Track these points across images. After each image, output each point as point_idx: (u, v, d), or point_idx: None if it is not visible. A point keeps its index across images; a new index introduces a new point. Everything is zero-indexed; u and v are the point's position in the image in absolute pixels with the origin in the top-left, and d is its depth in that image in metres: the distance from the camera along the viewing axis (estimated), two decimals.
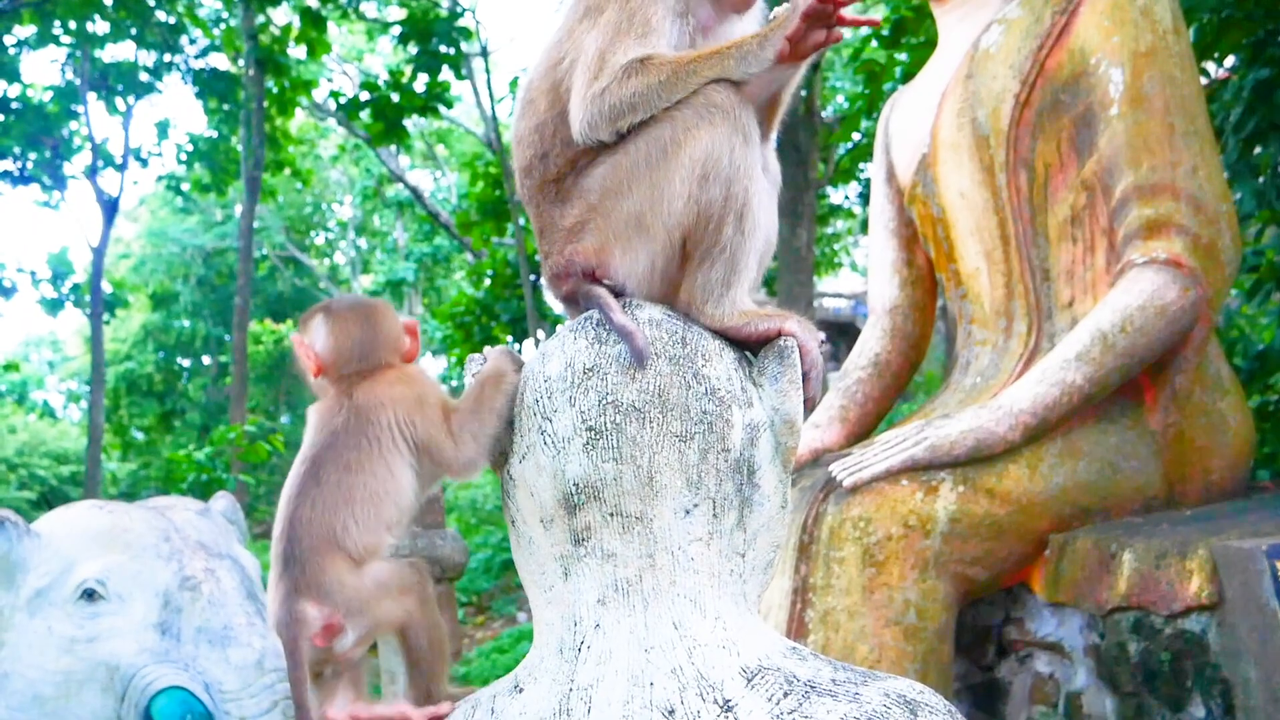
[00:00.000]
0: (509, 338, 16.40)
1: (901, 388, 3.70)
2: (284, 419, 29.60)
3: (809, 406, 1.57)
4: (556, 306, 1.79)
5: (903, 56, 7.43)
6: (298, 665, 1.94)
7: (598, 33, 1.63)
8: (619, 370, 1.49)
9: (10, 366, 23.08)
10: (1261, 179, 4.56)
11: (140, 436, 30.14)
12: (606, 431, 1.46)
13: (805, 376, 1.56)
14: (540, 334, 13.95)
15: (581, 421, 1.47)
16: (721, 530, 1.48)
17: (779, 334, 1.58)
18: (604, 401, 1.47)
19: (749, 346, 1.61)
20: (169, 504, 3.10)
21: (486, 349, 1.69)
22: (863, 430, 3.56)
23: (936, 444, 2.86)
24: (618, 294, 1.60)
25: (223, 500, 3.24)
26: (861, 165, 15.22)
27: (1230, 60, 5.11)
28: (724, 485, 1.47)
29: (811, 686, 1.35)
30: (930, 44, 3.81)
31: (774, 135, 1.77)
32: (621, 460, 1.45)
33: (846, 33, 1.59)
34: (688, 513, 1.46)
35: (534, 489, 1.52)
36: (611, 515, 1.46)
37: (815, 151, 12.95)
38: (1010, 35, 3.26)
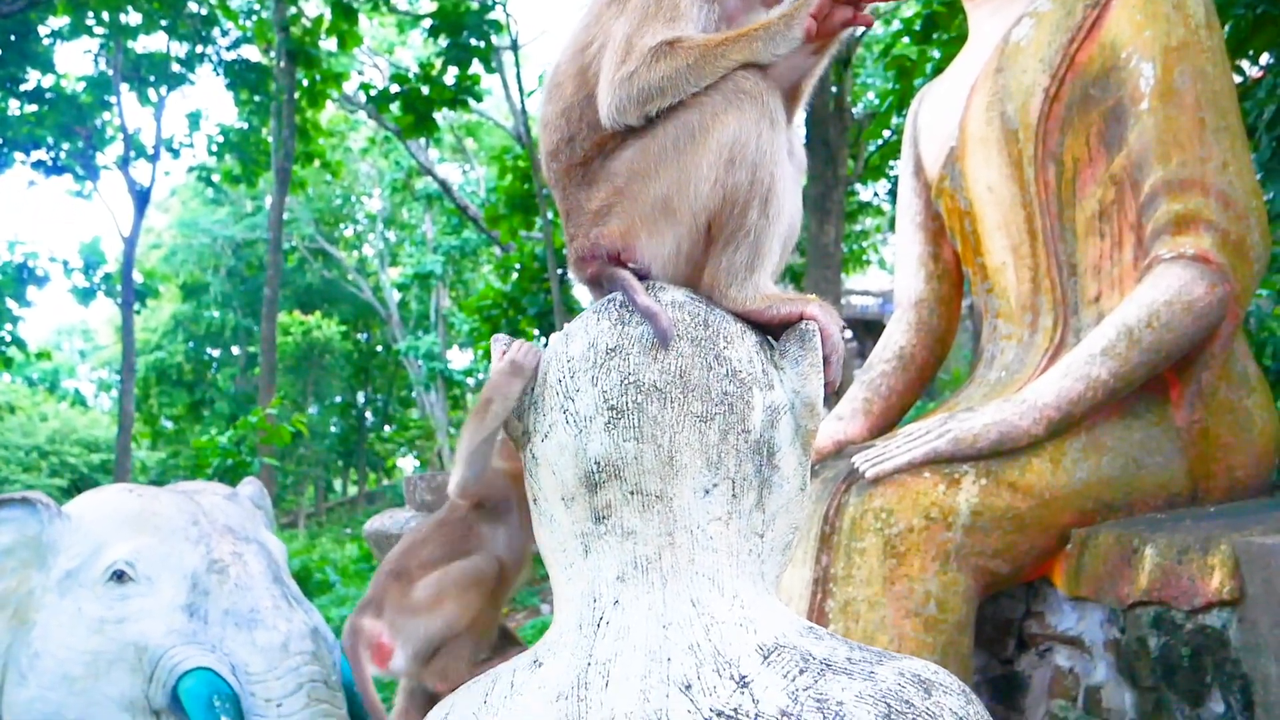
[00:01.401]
0: (535, 331, 16.44)
1: (926, 381, 3.69)
2: (312, 409, 29.82)
3: (830, 390, 1.59)
4: (583, 295, 1.82)
5: (935, 53, 7.39)
6: (359, 671, 2.30)
7: (625, 18, 1.64)
8: (641, 351, 1.50)
9: (42, 355, 23.35)
10: None
11: (170, 425, 30.46)
12: (628, 411, 1.47)
13: (826, 360, 1.57)
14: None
15: (604, 400, 1.49)
16: (740, 510, 1.49)
17: (801, 318, 1.59)
18: (626, 381, 1.49)
19: (771, 330, 1.62)
20: (197, 488, 3.15)
21: (497, 338, 1.69)
22: (886, 423, 3.55)
23: (960, 436, 2.86)
24: (642, 276, 1.62)
25: (250, 485, 3.29)
26: (891, 162, 15.16)
27: (1265, 58, 5.06)
28: (744, 466, 1.49)
29: (827, 664, 1.36)
30: (961, 39, 3.80)
31: (799, 119, 1.78)
32: (642, 439, 1.46)
33: (872, 14, 1.60)
34: (707, 492, 1.47)
35: (556, 467, 1.54)
36: (632, 494, 1.47)
37: (845, 148, 12.92)
38: (1041, 29, 3.25)
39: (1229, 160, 3.00)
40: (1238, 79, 4.86)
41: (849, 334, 1.67)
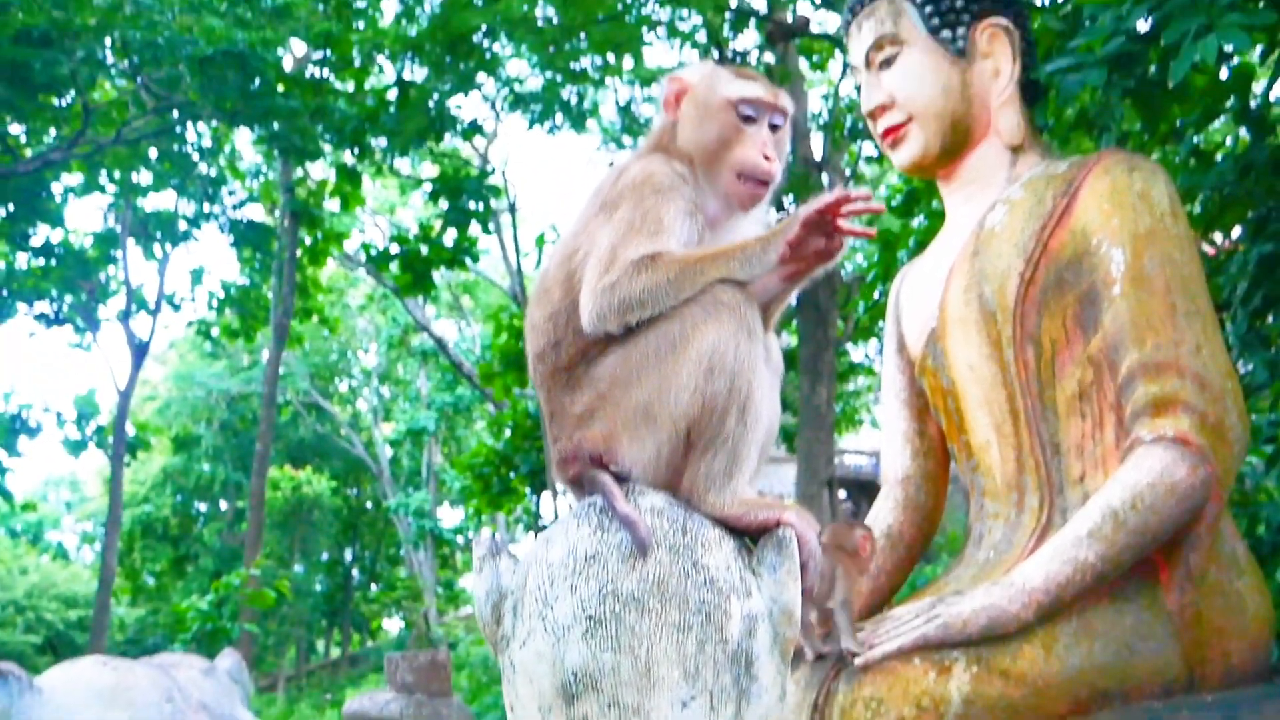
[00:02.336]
0: (527, 489, 16.39)
1: (916, 559, 3.67)
2: (298, 566, 29.38)
3: (807, 597, 1.59)
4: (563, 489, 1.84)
5: (918, 221, 7.62)
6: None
7: (612, 228, 1.71)
8: (620, 559, 1.51)
9: (28, 506, 23.15)
10: (1273, 349, 4.60)
11: (151, 581, 29.94)
12: (606, 621, 1.47)
13: (803, 567, 1.58)
14: (559, 487, 13.93)
15: (581, 609, 1.49)
16: None
17: (778, 524, 1.61)
18: (604, 590, 1.49)
19: (749, 534, 1.64)
20: (174, 661, 3.10)
21: (478, 541, 1.72)
22: (876, 603, 3.51)
23: (949, 622, 2.83)
24: (623, 480, 1.64)
25: (228, 659, 3.23)
26: (880, 323, 15.41)
27: (1236, 232, 5.22)
28: (721, 677, 1.48)
29: None
30: (942, 214, 3.93)
31: (775, 325, 1.84)
32: (620, 650, 1.46)
33: (848, 241, 1.68)
34: (685, 705, 1.46)
35: (533, 676, 1.52)
36: (610, 706, 1.46)
37: (834, 310, 13.15)
38: (1014, 215, 3.36)
39: (1202, 343, 3.06)
40: (1210, 251, 5.00)
41: (842, 494, 1.69)
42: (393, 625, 33.24)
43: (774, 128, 1.88)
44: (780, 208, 11.89)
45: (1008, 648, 2.82)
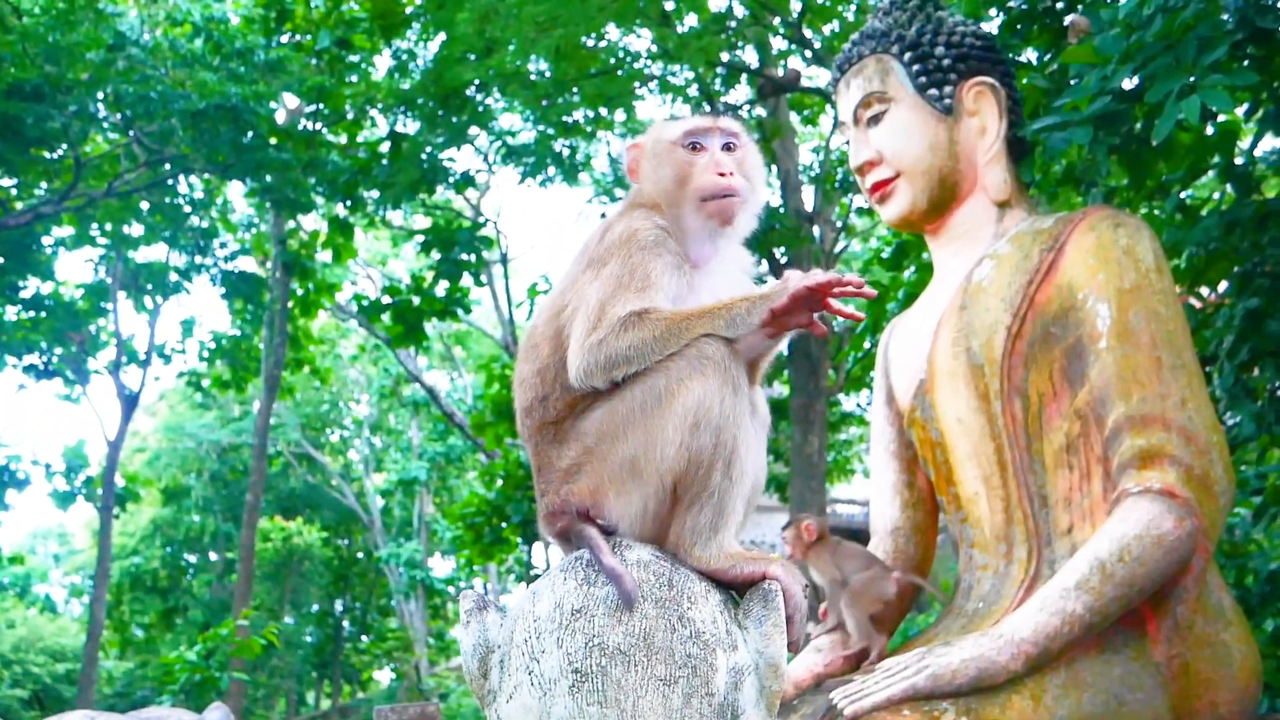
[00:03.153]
0: (519, 539, 16.30)
1: (906, 610, 3.66)
2: (288, 618, 29.10)
3: (793, 649, 1.60)
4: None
5: (908, 273, 7.67)
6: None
7: (600, 284, 1.74)
8: (606, 612, 1.52)
9: (15, 559, 22.92)
10: (1259, 402, 4.63)
11: (140, 634, 29.60)
12: (592, 674, 1.48)
13: (789, 620, 1.59)
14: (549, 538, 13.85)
15: (568, 663, 1.50)
16: None
17: (764, 577, 1.62)
18: (590, 644, 1.50)
19: (735, 587, 1.65)
20: (163, 715, 3.07)
21: (465, 594, 1.72)
22: (865, 654, 3.51)
23: (938, 673, 2.83)
24: (609, 533, 1.66)
25: (216, 712, 3.20)
26: (871, 373, 15.44)
27: (1223, 286, 5.27)
28: None
29: None
30: (930, 267, 3.98)
31: (762, 378, 1.87)
32: (606, 704, 1.46)
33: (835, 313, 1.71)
34: None
35: None
36: None
37: (826, 360, 13.19)
38: (1001, 270, 3.40)
39: (1187, 397, 3.10)
40: (1197, 305, 5.05)
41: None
42: (383, 676, 32.87)
43: (728, 147, 1.95)
44: (770, 257, 11.98)
45: (996, 698, 2.82)
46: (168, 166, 15.39)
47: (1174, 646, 3.01)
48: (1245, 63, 3.75)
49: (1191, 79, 3.31)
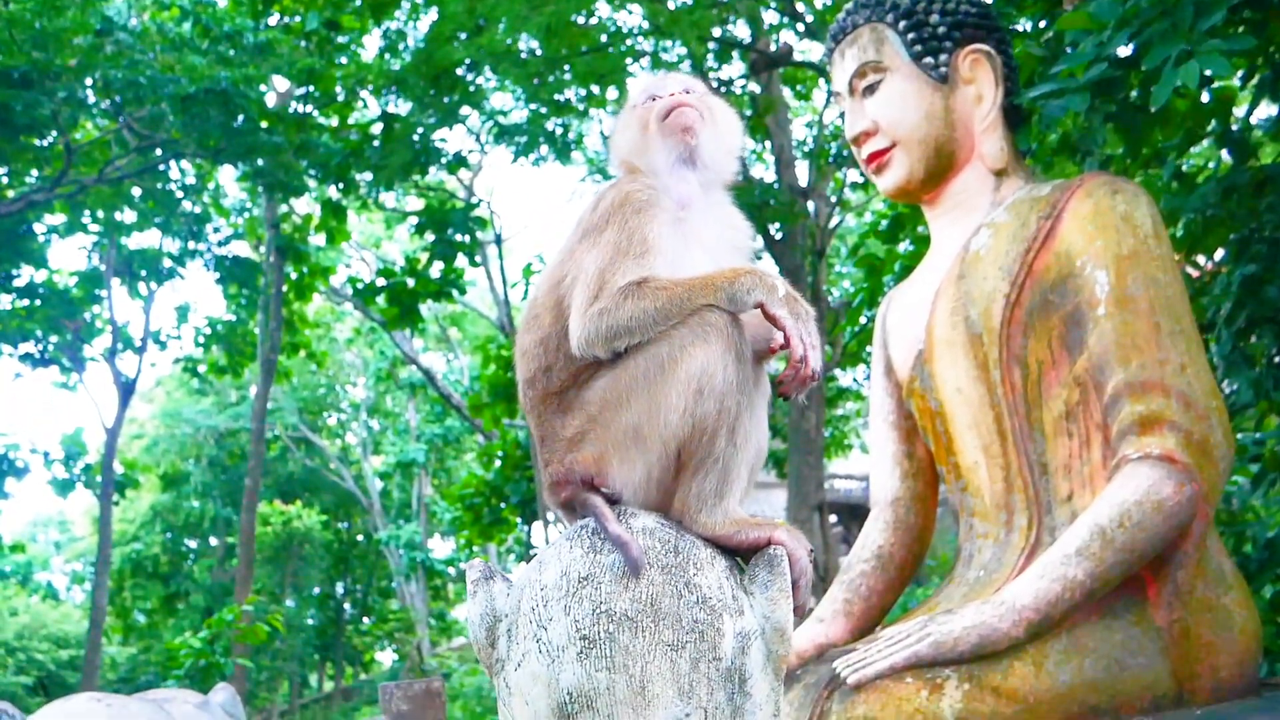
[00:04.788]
0: (518, 520, 16.34)
1: (906, 580, 3.68)
2: (289, 601, 29.18)
3: (799, 614, 1.60)
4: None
5: (905, 247, 7.67)
6: None
7: (599, 252, 1.74)
8: (613, 579, 1.53)
9: (16, 548, 22.94)
10: (1257, 369, 4.64)
11: (142, 619, 29.68)
12: (600, 640, 1.49)
13: (795, 584, 1.60)
14: (549, 515, 13.91)
15: (576, 630, 1.50)
16: None
17: (769, 542, 1.62)
18: (598, 610, 1.50)
19: (740, 554, 1.65)
20: (168, 696, 3.08)
21: (472, 564, 1.73)
22: (867, 624, 3.53)
23: (940, 640, 2.84)
24: (614, 502, 1.66)
25: (222, 692, 3.22)
26: (868, 348, 15.46)
27: (1219, 254, 5.27)
28: (715, 694, 1.49)
29: None
30: (926, 239, 3.97)
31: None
32: (614, 669, 1.47)
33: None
34: None
35: (529, 697, 1.53)
36: None
37: (823, 335, 13.20)
38: (999, 238, 3.40)
39: (1186, 363, 3.10)
40: (1194, 274, 5.04)
41: (833, 519, 1.71)
42: (386, 658, 33.01)
43: (685, 92, 1.97)
44: (765, 233, 11.95)
45: (999, 665, 2.84)
46: (159, 152, 15.30)
47: (1174, 611, 3.02)
48: (1242, 28, 3.74)
49: (1188, 45, 3.29)
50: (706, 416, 1.62)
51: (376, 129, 13.10)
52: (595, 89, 12.27)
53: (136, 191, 16.56)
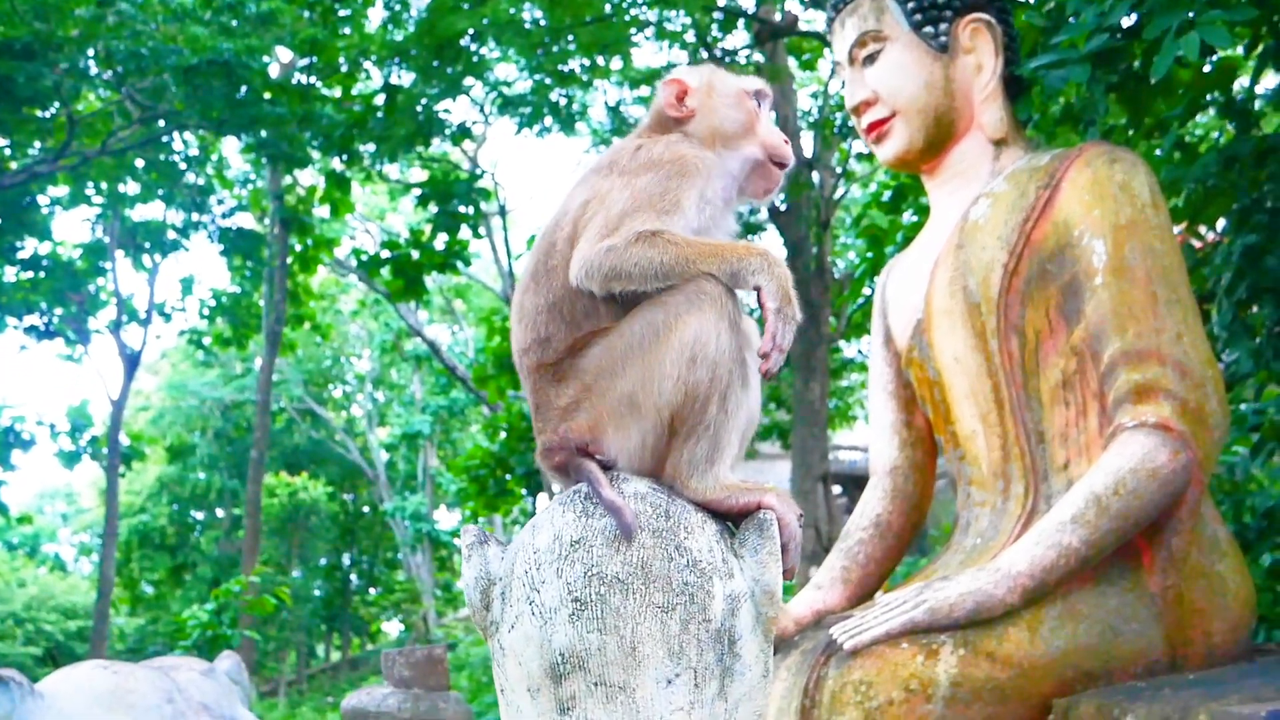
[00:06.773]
0: (523, 491, 16.41)
1: (904, 548, 3.71)
2: (296, 572, 29.38)
3: (788, 577, 1.63)
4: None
5: (907, 217, 7.67)
6: None
7: (630, 195, 1.74)
8: (604, 543, 1.55)
9: (23, 519, 23.07)
10: (1258, 339, 4.64)
11: (150, 590, 29.91)
12: (591, 603, 1.51)
13: (784, 548, 1.63)
14: (555, 487, 13.96)
15: (568, 592, 1.53)
16: (703, 700, 1.51)
17: (759, 507, 1.65)
18: (589, 573, 1.53)
19: (731, 518, 1.68)
20: (174, 664, 3.12)
21: (467, 529, 1.75)
22: (865, 591, 3.56)
23: (935, 606, 2.87)
24: (607, 468, 1.68)
25: (227, 660, 3.26)
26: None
27: (1220, 224, 5.26)
28: (705, 655, 1.52)
29: None
30: (928, 209, 3.98)
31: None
32: (605, 631, 1.50)
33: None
34: (669, 682, 1.50)
35: (522, 658, 1.56)
36: (596, 685, 1.50)
37: (827, 307, 13.19)
38: (997, 208, 3.41)
39: (1182, 332, 3.12)
40: (1196, 245, 5.04)
41: (837, 490, 1.73)
42: (392, 628, 33.28)
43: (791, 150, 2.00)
44: (770, 205, 11.93)
45: (994, 631, 2.87)
46: (162, 123, 15.27)
47: (1169, 578, 3.05)
48: None
49: (1190, 14, 3.28)
50: (699, 384, 1.64)
51: (380, 100, 13.06)
52: (600, 59, 12.22)
53: (140, 163, 16.54)
